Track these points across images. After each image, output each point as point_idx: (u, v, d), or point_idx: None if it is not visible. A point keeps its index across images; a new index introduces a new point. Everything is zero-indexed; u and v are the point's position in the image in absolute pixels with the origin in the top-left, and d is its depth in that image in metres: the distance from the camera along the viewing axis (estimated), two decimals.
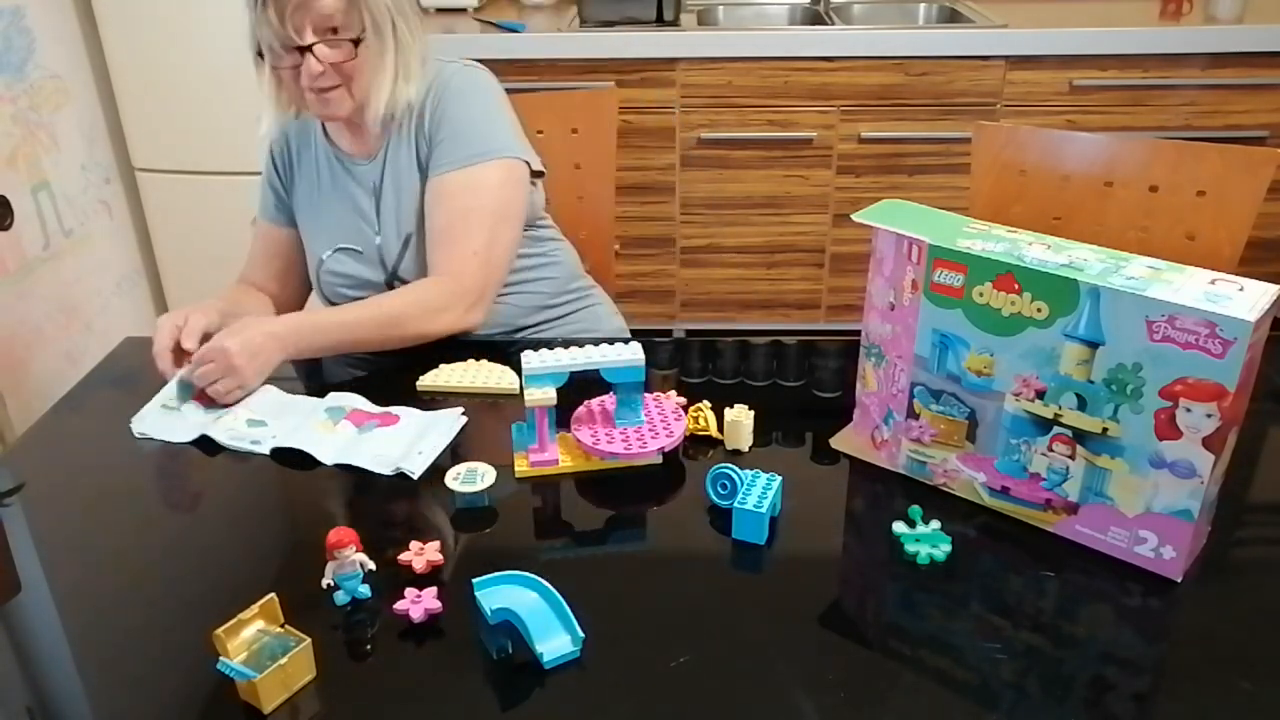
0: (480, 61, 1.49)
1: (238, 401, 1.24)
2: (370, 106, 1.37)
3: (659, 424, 1.14)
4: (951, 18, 2.76)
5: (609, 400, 1.17)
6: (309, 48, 1.29)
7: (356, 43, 1.31)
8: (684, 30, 2.54)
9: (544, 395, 1.09)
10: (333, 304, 1.50)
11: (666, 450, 1.12)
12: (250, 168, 2.45)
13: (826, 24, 2.78)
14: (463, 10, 2.77)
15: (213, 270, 2.56)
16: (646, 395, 1.17)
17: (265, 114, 1.41)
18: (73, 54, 2.36)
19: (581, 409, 1.18)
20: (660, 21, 2.57)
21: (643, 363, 1.12)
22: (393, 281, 1.47)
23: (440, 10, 2.77)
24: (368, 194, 1.45)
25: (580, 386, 1.12)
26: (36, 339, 2.20)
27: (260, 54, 1.32)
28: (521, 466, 1.11)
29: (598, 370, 1.11)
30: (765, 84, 2.51)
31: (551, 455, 1.12)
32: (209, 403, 1.25)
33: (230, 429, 1.20)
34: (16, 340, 2.14)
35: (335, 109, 1.36)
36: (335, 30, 1.30)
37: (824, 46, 2.48)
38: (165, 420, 1.23)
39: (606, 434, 1.13)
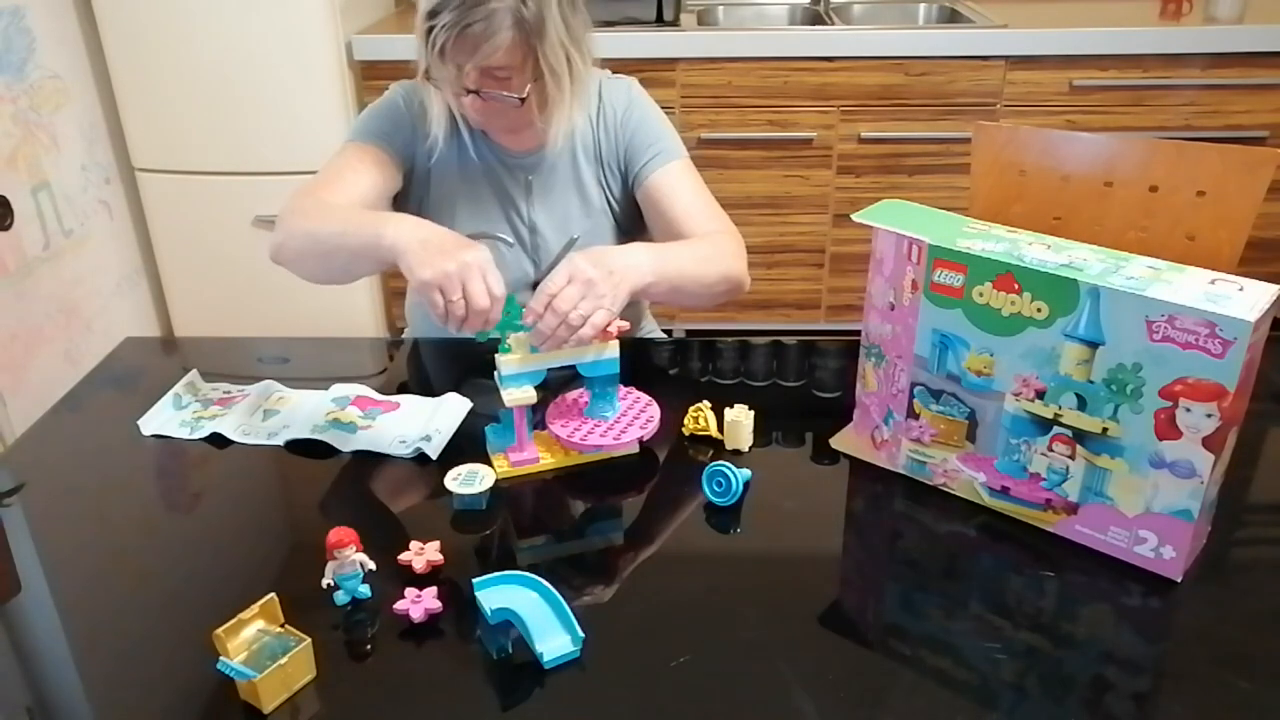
0: None
1: (595, 335, 1.08)
2: (548, 136, 1.33)
3: (633, 414, 1.15)
4: (951, 18, 2.76)
5: (583, 395, 1.18)
6: (476, 91, 1.23)
7: (529, 88, 1.24)
8: (684, 30, 2.54)
9: (523, 394, 1.08)
10: None
11: (644, 440, 1.13)
12: (250, 168, 2.46)
13: (826, 24, 2.77)
14: None
15: (213, 270, 2.57)
16: (621, 387, 1.17)
17: (434, 119, 1.32)
18: (73, 54, 2.36)
19: (554, 404, 1.18)
20: (660, 21, 2.57)
21: (617, 356, 1.12)
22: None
23: None
24: (519, 186, 1.41)
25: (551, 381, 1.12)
26: (36, 339, 2.20)
27: (428, 75, 1.25)
28: (502, 467, 1.11)
29: (573, 366, 1.11)
30: (765, 84, 2.51)
31: (531, 454, 1.12)
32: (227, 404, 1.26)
33: (241, 425, 1.21)
34: (16, 340, 2.14)
35: (509, 141, 1.36)
36: (507, 78, 1.23)
37: (824, 46, 2.48)
38: (175, 419, 1.23)
39: (578, 427, 1.13)
